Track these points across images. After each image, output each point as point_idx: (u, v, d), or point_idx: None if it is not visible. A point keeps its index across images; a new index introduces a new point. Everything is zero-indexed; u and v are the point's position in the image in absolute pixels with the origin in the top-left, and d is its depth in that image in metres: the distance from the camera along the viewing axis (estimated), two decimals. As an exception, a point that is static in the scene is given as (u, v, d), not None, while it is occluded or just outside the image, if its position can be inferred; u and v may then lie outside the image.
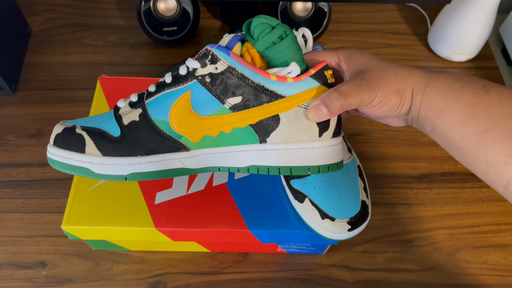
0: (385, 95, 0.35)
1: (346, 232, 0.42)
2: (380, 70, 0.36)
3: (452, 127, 0.33)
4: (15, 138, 0.59)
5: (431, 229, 0.55)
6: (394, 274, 0.52)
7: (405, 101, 0.35)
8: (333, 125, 0.37)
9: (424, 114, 0.35)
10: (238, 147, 0.38)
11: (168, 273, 0.51)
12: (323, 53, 0.39)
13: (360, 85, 0.35)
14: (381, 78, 0.35)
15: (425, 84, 0.35)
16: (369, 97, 0.35)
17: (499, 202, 0.57)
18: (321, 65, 0.37)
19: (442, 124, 0.34)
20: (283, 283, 0.51)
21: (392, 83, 0.35)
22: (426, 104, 0.35)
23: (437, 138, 0.36)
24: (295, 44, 0.36)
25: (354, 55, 0.37)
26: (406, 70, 0.36)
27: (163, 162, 0.38)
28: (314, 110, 0.36)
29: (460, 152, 0.34)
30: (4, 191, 0.55)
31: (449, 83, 0.34)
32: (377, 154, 0.60)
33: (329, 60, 0.38)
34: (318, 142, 0.37)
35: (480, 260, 0.53)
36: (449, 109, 0.33)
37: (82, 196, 0.46)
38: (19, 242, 0.52)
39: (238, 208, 0.46)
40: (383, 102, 0.35)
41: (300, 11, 0.68)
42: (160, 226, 0.44)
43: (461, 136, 0.33)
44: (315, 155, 0.37)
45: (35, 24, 0.71)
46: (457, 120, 0.33)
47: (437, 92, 0.34)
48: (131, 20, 0.72)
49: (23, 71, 0.66)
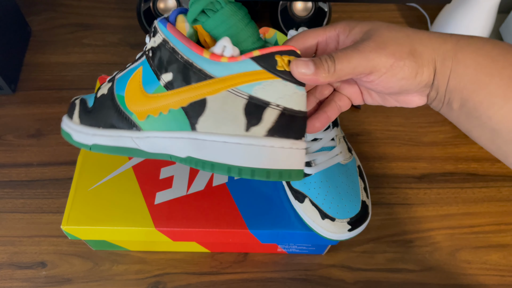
0: (394, 58, 0.28)
1: (346, 232, 0.42)
2: (386, 30, 0.29)
3: (491, 104, 0.27)
4: (14, 138, 0.59)
5: (431, 229, 0.55)
6: (394, 274, 0.52)
7: (424, 66, 0.29)
8: (268, 121, 0.30)
9: (455, 85, 0.28)
10: (174, 133, 0.34)
11: (168, 273, 0.51)
12: (315, 32, 0.32)
13: (355, 48, 0.29)
14: (386, 37, 0.29)
15: (454, 48, 0.28)
16: (367, 62, 0.29)
17: (499, 202, 0.57)
18: (276, 48, 0.30)
19: (478, 99, 0.28)
20: (283, 283, 0.51)
21: (403, 44, 0.28)
22: (458, 72, 0.28)
23: (465, 117, 0.29)
24: (235, 18, 0.31)
25: (353, 22, 0.31)
26: (423, 31, 0.29)
27: (119, 138, 0.37)
28: (300, 64, 0.29)
29: (493, 135, 0.28)
30: (3, 191, 0.55)
31: (486, 48, 0.28)
32: (377, 154, 0.60)
33: (324, 37, 0.32)
34: (244, 138, 0.30)
35: (481, 260, 0.53)
36: (489, 81, 0.27)
37: (81, 196, 0.46)
38: (19, 242, 0.52)
39: (238, 208, 0.46)
40: (393, 68, 0.28)
41: (300, 11, 0.68)
42: (160, 226, 0.44)
43: (501, 115, 0.27)
44: (239, 153, 0.31)
45: (35, 24, 0.71)
46: (499, 96, 0.27)
47: (473, 58, 0.28)
48: (131, 20, 0.72)
49: (23, 71, 0.66)
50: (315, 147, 0.45)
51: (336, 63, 0.29)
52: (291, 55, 0.30)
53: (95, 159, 0.48)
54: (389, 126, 0.63)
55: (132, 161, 0.48)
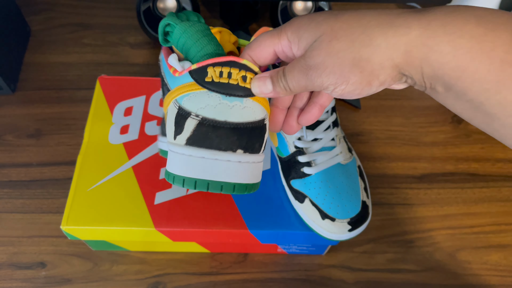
0: (335, 76, 0.27)
1: (346, 232, 0.42)
2: (326, 42, 0.27)
3: (482, 90, 0.24)
4: (14, 138, 0.59)
5: (431, 229, 0.55)
6: (395, 274, 0.52)
7: (375, 71, 0.26)
8: (188, 130, 0.31)
9: (432, 73, 0.25)
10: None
11: (168, 273, 0.51)
12: (270, 40, 0.30)
13: (300, 70, 0.28)
14: (326, 53, 0.27)
15: (422, 34, 0.24)
16: (312, 83, 0.28)
17: (499, 202, 0.57)
18: (212, 60, 0.30)
19: (465, 86, 0.24)
20: (283, 283, 0.50)
21: (344, 56, 0.26)
22: (432, 62, 0.24)
23: (453, 100, 0.26)
24: (185, 36, 0.32)
25: (302, 29, 0.28)
26: (378, 24, 0.26)
27: None
28: (259, 81, 0.30)
29: (488, 118, 0.25)
30: (3, 191, 0.55)
31: (469, 26, 0.24)
32: (377, 154, 0.60)
33: (279, 45, 0.30)
34: (173, 146, 0.32)
35: (481, 260, 0.53)
36: (476, 66, 0.23)
37: (81, 196, 0.45)
38: (19, 243, 0.52)
39: (238, 208, 0.46)
40: (338, 85, 0.27)
41: (300, 11, 0.68)
42: (160, 227, 0.44)
43: (495, 101, 0.24)
44: (171, 160, 0.32)
45: (35, 24, 0.71)
46: (491, 81, 0.23)
47: (450, 43, 0.24)
48: (131, 20, 0.72)
49: (22, 70, 0.66)
50: (315, 147, 0.45)
51: (288, 83, 0.29)
52: (229, 66, 0.30)
53: (94, 159, 0.48)
54: (389, 126, 0.63)
55: (132, 161, 0.48)
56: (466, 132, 0.62)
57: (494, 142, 0.61)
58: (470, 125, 0.63)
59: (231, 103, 0.30)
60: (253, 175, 0.32)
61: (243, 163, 0.31)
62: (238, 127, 0.30)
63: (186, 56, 0.33)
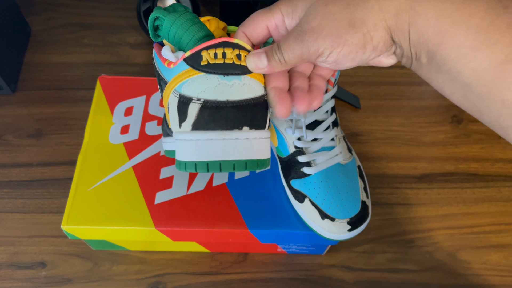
0: (332, 38, 0.27)
1: (346, 232, 0.42)
2: (322, 6, 0.28)
3: (460, 56, 0.25)
4: (14, 138, 0.59)
5: (431, 229, 0.55)
6: (395, 274, 0.52)
7: (371, 32, 0.27)
8: (192, 115, 0.31)
9: (418, 39, 0.26)
10: None
11: (168, 273, 0.51)
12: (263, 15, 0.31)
13: (295, 38, 0.28)
14: (322, 16, 0.27)
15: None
16: (308, 50, 0.28)
17: (499, 202, 0.57)
18: (205, 44, 0.30)
19: (445, 52, 0.26)
20: (283, 283, 0.50)
21: (340, 18, 0.27)
22: (418, 25, 0.26)
23: (435, 72, 0.27)
24: (175, 27, 0.32)
25: (295, 2, 0.30)
26: None
27: None
28: (254, 57, 0.30)
29: (465, 91, 0.26)
30: (3, 191, 0.55)
31: None
32: (377, 154, 0.60)
33: (272, 20, 0.31)
34: (180, 134, 0.32)
35: (481, 260, 0.53)
36: (455, 31, 0.25)
37: (81, 196, 0.46)
38: (19, 242, 0.52)
39: (238, 208, 0.46)
40: (334, 47, 0.28)
41: (300, 11, 0.68)
42: (160, 226, 0.44)
43: (471, 68, 0.25)
44: (180, 148, 0.32)
45: (35, 24, 0.71)
46: (467, 47, 0.25)
47: (434, 8, 0.25)
48: (131, 20, 0.72)
49: (22, 71, 0.66)
50: (315, 147, 0.45)
51: (283, 54, 0.29)
52: (222, 46, 0.30)
53: (95, 159, 0.48)
54: (389, 126, 0.63)
55: (132, 161, 0.48)
56: (466, 132, 0.62)
57: (494, 142, 0.61)
58: (470, 125, 0.63)
59: (230, 82, 0.30)
60: (263, 150, 0.32)
61: (251, 139, 0.31)
62: (241, 104, 0.30)
63: (179, 46, 0.33)
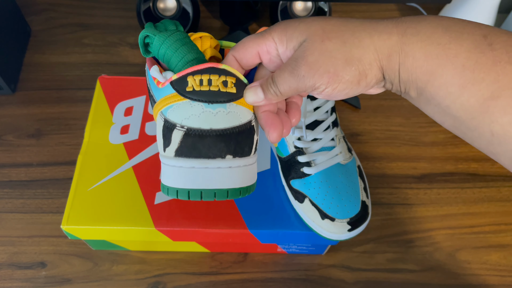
0: (328, 75, 0.28)
1: (346, 232, 0.42)
2: (319, 42, 0.28)
3: (447, 94, 0.27)
4: (14, 138, 0.59)
5: (431, 229, 0.55)
6: (395, 274, 0.52)
7: (366, 70, 0.28)
8: (175, 142, 0.30)
9: (407, 78, 0.28)
10: None
11: (168, 273, 0.51)
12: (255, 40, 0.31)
13: (291, 72, 0.29)
14: (318, 53, 0.28)
15: (400, 41, 0.27)
16: (304, 84, 0.29)
17: (499, 202, 0.57)
18: (192, 69, 0.30)
19: (433, 90, 0.27)
20: (283, 283, 0.51)
21: (337, 56, 0.28)
22: (407, 66, 0.27)
23: (424, 104, 0.29)
24: (164, 47, 0.32)
25: (289, 29, 0.30)
26: (364, 29, 0.28)
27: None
28: (250, 92, 0.30)
29: (455, 122, 0.28)
30: (3, 191, 0.55)
31: (436, 35, 0.27)
32: (377, 154, 0.60)
33: (263, 46, 0.31)
34: (164, 158, 0.32)
35: (481, 260, 0.53)
36: (442, 71, 0.26)
37: (81, 196, 0.46)
38: (19, 242, 0.52)
39: (238, 208, 0.46)
40: (330, 84, 0.28)
41: (300, 11, 0.68)
42: (160, 226, 0.44)
43: (459, 104, 0.26)
44: (164, 172, 0.32)
45: (35, 24, 0.71)
46: (454, 85, 0.26)
47: (422, 49, 0.27)
48: (131, 20, 0.72)
49: (22, 71, 0.66)
50: (315, 147, 0.45)
51: (279, 87, 0.29)
52: (208, 72, 0.30)
53: (95, 159, 0.48)
54: (389, 126, 0.63)
55: (132, 161, 0.48)
56: (466, 132, 0.62)
57: (494, 142, 0.61)
58: (470, 125, 0.63)
59: (215, 110, 0.30)
60: (246, 178, 0.32)
61: (234, 168, 0.31)
62: (224, 133, 0.30)
63: (168, 66, 0.32)
